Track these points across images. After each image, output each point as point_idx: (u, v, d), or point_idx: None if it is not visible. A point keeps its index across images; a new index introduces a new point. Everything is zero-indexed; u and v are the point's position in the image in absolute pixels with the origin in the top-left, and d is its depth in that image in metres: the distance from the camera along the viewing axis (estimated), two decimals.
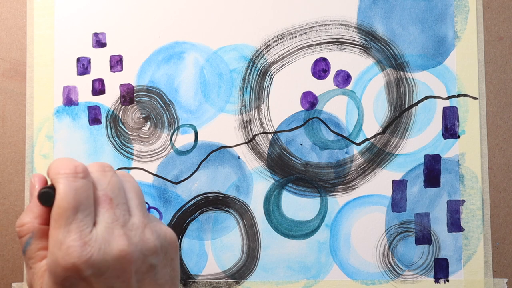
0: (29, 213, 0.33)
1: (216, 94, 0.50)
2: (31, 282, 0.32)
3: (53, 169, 0.32)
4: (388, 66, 0.50)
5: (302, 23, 0.50)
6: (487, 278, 0.48)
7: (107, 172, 0.33)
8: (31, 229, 0.32)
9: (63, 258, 0.29)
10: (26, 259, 0.32)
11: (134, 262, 0.30)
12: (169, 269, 0.33)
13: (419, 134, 0.50)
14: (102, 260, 0.29)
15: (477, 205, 0.49)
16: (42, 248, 0.32)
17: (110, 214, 0.31)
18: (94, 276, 0.29)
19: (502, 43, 0.50)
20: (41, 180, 0.34)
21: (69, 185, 0.30)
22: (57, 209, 0.30)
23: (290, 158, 0.50)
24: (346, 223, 0.49)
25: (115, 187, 0.32)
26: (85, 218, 0.30)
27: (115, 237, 0.30)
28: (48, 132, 0.50)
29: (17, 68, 0.50)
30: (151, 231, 0.32)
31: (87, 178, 0.31)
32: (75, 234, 0.30)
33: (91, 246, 0.29)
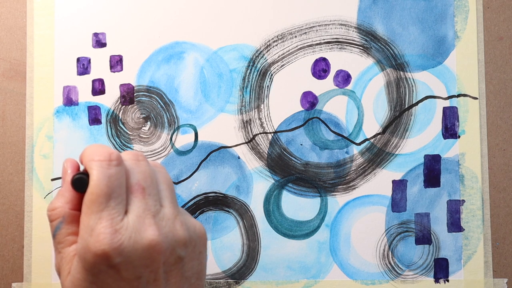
0: (61, 197, 0.33)
1: (216, 94, 0.50)
2: (59, 266, 0.32)
3: (87, 155, 0.32)
4: (388, 66, 0.50)
5: (302, 23, 0.50)
6: (487, 278, 0.48)
7: (140, 161, 0.33)
8: (61, 213, 0.32)
9: (94, 245, 0.29)
10: (55, 243, 0.32)
11: (163, 253, 0.30)
12: (196, 262, 0.33)
13: (419, 134, 0.50)
14: (131, 249, 0.29)
15: (477, 205, 0.49)
16: (71, 233, 0.32)
17: (142, 203, 0.31)
18: (123, 264, 0.29)
19: (502, 43, 0.50)
20: (73, 165, 0.34)
21: (103, 172, 0.30)
22: (90, 195, 0.30)
23: (290, 158, 0.50)
24: (346, 223, 0.49)
25: (147, 176, 0.32)
26: (117, 206, 0.30)
27: (146, 226, 0.30)
28: (48, 132, 0.50)
29: (17, 68, 0.50)
30: (181, 223, 0.32)
31: (120, 166, 0.31)
32: (106, 221, 0.30)
33: (121, 234, 0.29)
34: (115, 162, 0.31)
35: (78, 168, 0.34)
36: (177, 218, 0.32)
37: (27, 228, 0.49)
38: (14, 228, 0.49)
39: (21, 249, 0.49)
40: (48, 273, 0.49)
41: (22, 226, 0.49)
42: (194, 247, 0.33)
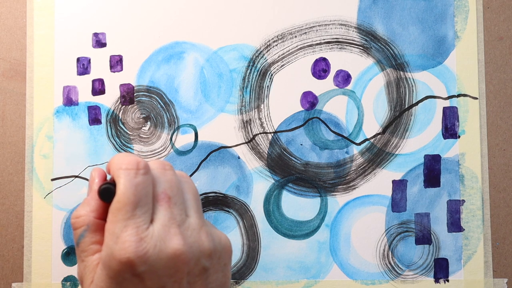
0: (86, 206, 0.33)
1: (216, 94, 0.50)
2: (82, 275, 0.32)
3: (115, 164, 0.32)
4: (388, 66, 0.50)
5: (302, 23, 0.50)
6: (487, 278, 0.48)
7: (167, 171, 0.33)
8: (86, 221, 0.32)
9: (119, 252, 0.29)
10: (78, 251, 0.32)
11: (188, 263, 0.30)
12: (220, 274, 0.33)
13: (419, 134, 0.50)
14: (156, 258, 0.29)
15: (477, 205, 0.49)
16: (95, 242, 0.32)
17: (167, 213, 0.31)
18: (148, 273, 0.29)
19: (502, 43, 0.50)
20: (101, 175, 0.34)
21: (130, 181, 0.30)
22: (116, 204, 0.30)
23: (290, 158, 0.50)
24: (346, 223, 0.49)
25: (174, 186, 0.32)
26: (143, 215, 0.30)
27: (171, 236, 0.30)
28: (48, 132, 0.50)
29: (17, 68, 0.50)
30: (206, 234, 0.32)
31: (148, 175, 0.31)
32: (132, 229, 0.30)
33: (146, 243, 0.29)
34: (142, 171, 0.31)
35: (105, 177, 0.35)
36: (203, 229, 0.32)
37: (27, 228, 0.49)
38: (14, 228, 0.49)
39: (21, 249, 0.49)
40: (48, 273, 0.49)
41: (22, 226, 0.49)
42: (219, 258, 0.32)
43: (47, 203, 0.49)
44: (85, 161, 0.49)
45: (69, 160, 0.49)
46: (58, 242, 0.49)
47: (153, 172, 0.33)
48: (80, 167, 0.49)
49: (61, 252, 0.49)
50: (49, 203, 0.49)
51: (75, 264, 0.49)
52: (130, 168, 0.31)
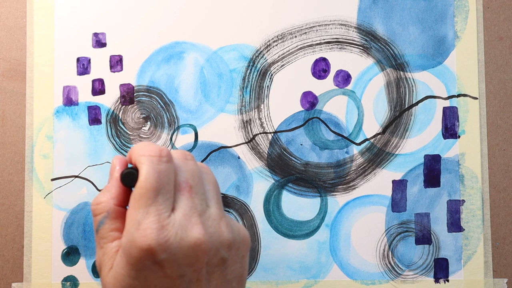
0: (106, 193, 0.33)
1: (216, 94, 0.50)
2: (100, 261, 0.32)
3: (137, 151, 0.32)
4: (388, 66, 0.50)
5: (302, 23, 0.50)
6: (487, 278, 0.48)
7: (188, 161, 0.33)
8: (106, 208, 0.32)
9: (140, 239, 0.29)
10: (98, 238, 0.32)
11: (208, 253, 0.30)
12: (238, 266, 0.32)
13: (419, 134, 0.50)
14: (177, 246, 0.29)
15: (477, 205, 0.49)
16: (115, 229, 0.32)
17: (189, 202, 0.31)
18: (168, 261, 0.29)
19: (502, 43, 0.50)
20: (122, 162, 0.34)
21: (153, 168, 0.30)
22: (139, 190, 0.30)
23: (290, 158, 0.50)
24: (346, 223, 0.49)
25: (195, 175, 0.32)
26: (164, 202, 0.30)
27: (192, 224, 0.30)
28: (48, 132, 0.50)
29: (17, 68, 0.50)
30: (226, 225, 0.32)
31: (170, 163, 0.31)
32: (153, 216, 0.29)
33: (168, 230, 0.29)
34: (165, 158, 0.31)
35: (127, 165, 0.34)
36: (223, 220, 0.32)
37: (27, 228, 0.49)
38: (14, 228, 0.49)
39: (21, 249, 0.49)
40: (48, 273, 0.49)
41: (22, 226, 0.49)
42: (237, 250, 0.32)
43: (47, 203, 0.49)
44: (85, 161, 0.49)
45: (69, 160, 0.49)
46: (58, 242, 0.49)
47: (175, 161, 0.32)
48: (80, 167, 0.49)
49: (61, 252, 0.49)
50: (49, 203, 0.49)
51: (75, 264, 0.49)
52: (154, 155, 0.31)
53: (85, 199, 0.49)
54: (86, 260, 0.49)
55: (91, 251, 0.49)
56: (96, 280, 0.49)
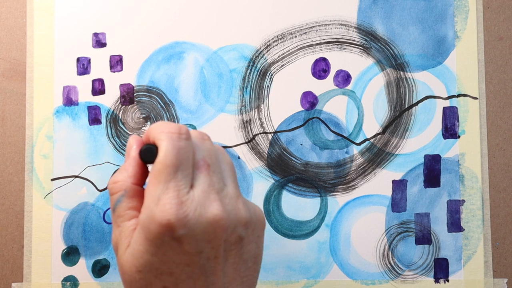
0: (123, 171, 0.33)
1: (216, 94, 0.50)
2: (117, 240, 0.32)
3: (156, 128, 0.32)
4: (388, 66, 0.50)
5: (302, 23, 0.50)
6: (487, 278, 0.48)
7: (205, 140, 0.33)
8: (123, 186, 0.32)
9: (159, 214, 0.29)
10: (115, 217, 0.32)
11: (226, 230, 0.30)
12: (254, 245, 0.33)
13: (419, 134, 0.50)
14: (196, 222, 0.29)
15: (477, 205, 0.49)
16: (132, 207, 0.32)
17: (207, 179, 0.31)
18: (186, 237, 0.29)
19: (502, 43, 0.50)
20: (139, 141, 0.34)
21: (173, 144, 0.31)
22: (158, 165, 0.30)
23: (290, 158, 0.50)
24: (346, 223, 0.49)
25: (212, 155, 0.33)
26: (183, 178, 0.30)
27: (211, 201, 0.30)
28: (48, 132, 0.50)
29: (17, 68, 0.50)
30: (243, 203, 0.32)
31: (189, 140, 0.31)
32: (173, 192, 0.30)
33: (187, 206, 0.29)
34: (184, 136, 0.31)
35: (143, 144, 0.34)
36: (239, 198, 0.32)
37: (27, 228, 0.49)
38: (14, 228, 0.49)
39: (21, 249, 0.49)
40: (48, 273, 0.49)
41: (22, 226, 0.49)
42: (253, 229, 0.32)
43: (47, 203, 0.49)
44: (85, 161, 0.49)
45: (69, 160, 0.49)
46: (58, 242, 0.49)
47: (193, 140, 0.33)
48: (80, 167, 0.49)
49: (61, 252, 0.49)
50: (49, 203, 0.49)
51: (75, 264, 0.49)
52: (173, 132, 0.31)
53: (85, 199, 0.49)
54: (86, 260, 0.49)
55: (91, 251, 0.49)
56: (96, 280, 0.49)
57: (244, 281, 0.32)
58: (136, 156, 0.33)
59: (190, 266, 0.30)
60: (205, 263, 0.30)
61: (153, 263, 0.30)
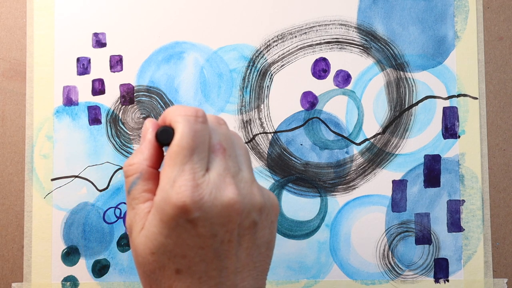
0: (139, 154, 0.33)
1: (216, 94, 0.50)
2: (131, 222, 0.32)
3: (173, 111, 0.32)
4: (388, 66, 0.50)
5: (302, 23, 0.50)
6: (487, 278, 0.48)
7: (221, 125, 0.33)
8: (139, 169, 0.32)
9: (175, 196, 0.29)
10: (129, 199, 0.32)
11: (240, 214, 0.30)
12: (267, 231, 0.33)
13: (419, 134, 0.50)
14: (211, 205, 0.29)
15: (477, 205, 0.49)
16: (147, 190, 0.32)
17: (222, 163, 0.31)
18: (201, 219, 0.29)
19: (502, 43, 0.50)
20: (155, 124, 0.34)
21: (190, 126, 0.30)
22: (175, 147, 0.30)
23: (290, 158, 0.50)
24: (346, 223, 0.49)
25: (228, 139, 0.33)
26: (199, 161, 0.30)
27: (226, 185, 0.30)
28: (48, 132, 0.50)
29: (17, 68, 0.50)
30: (257, 188, 0.32)
31: (206, 124, 0.31)
32: (189, 174, 0.30)
33: (202, 189, 0.29)
34: (201, 119, 0.31)
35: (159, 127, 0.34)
36: (254, 183, 0.32)
37: (27, 228, 0.49)
38: (14, 228, 0.49)
39: (21, 249, 0.49)
40: (48, 273, 0.49)
41: (22, 226, 0.49)
42: (267, 214, 0.32)
43: (47, 203, 0.49)
44: (85, 161, 0.49)
45: (69, 160, 0.49)
46: (58, 242, 0.49)
47: (209, 124, 0.33)
48: (80, 167, 0.49)
49: (61, 252, 0.49)
50: (49, 203, 0.49)
51: (75, 264, 0.49)
52: (190, 115, 0.31)
53: (85, 199, 0.49)
54: (86, 260, 0.49)
55: (91, 251, 0.49)
56: (96, 280, 0.49)
57: (257, 266, 0.32)
58: (152, 138, 0.33)
59: (204, 249, 0.30)
60: (219, 247, 0.30)
61: (166, 245, 0.30)
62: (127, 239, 0.49)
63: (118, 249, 0.49)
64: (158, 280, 0.30)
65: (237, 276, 0.31)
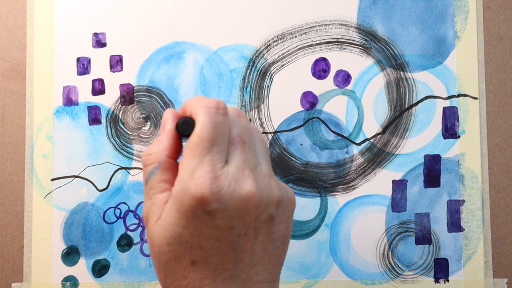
0: (158, 144, 0.33)
1: (216, 94, 0.50)
2: (148, 212, 0.32)
3: (194, 102, 0.32)
4: (388, 66, 0.50)
5: (302, 23, 0.50)
6: (487, 278, 0.48)
7: (241, 117, 0.33)
8: (158, 159, 0.32)
9: (194, 187, 0.29)
10: (147, 189, 0.32)
11: (258, 207, 0.30)
12: (284, 225, 0.32)
13: (419, 134, 0.50)
14: (230, 197, 0.29)
15: (477, 205, 0.49)
16: (165, 180, 0.32)
17: (242, 155, 0.31)
18: (219, 211, 0.29)
19: (502, 43, 0.50)
20: (175, 114, 0.34)
21: (210, 118, 0.30)
22: (195, 138, 0.30)
23: (290, 158, 0.50)
24: (346, 223, 0.49)
25: (248, 132, 0.33)
26: (219, 153, 0.30)
27: (245, 177, 0.30)
28: (48, 132, 0.50)
29: (17, 68, 0.50)
30: (275, 182, 0.32)
31: (226, 116, 0.31)
32: (208, 166, 0.30)
33: (221, 181, 0.29)
34: (221, 111, 0.31)
35: (179, 118, 0.34)
36: (272, 177, 0.32)
37: (27, 228, 0.49)
38: (14, 228, 0.49)
39: (21, 249, 0.49)
40: (48, 273, 0.49)
41: (22, 226, 0.49)
42: (284, 209, 0.32)
43: (47, 203, 0.49)
44: (85, 161, 0.49)
45: (69, 160, 0.49)
46: (58, 242, 0.49)
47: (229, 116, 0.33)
48: (80, 167, 0.49)
49: (61, 252, 0.49)
50: (49, 203, 0.49)
51: (75, 264, 0.49)
52: (211, 107, 0.31)
53: (85, 199, 0.49)
54: (86, 260, 0.49)
55: (91, 251, 0.49)
56: (96, 280, 0.49)
57: (272, 261, 0.32)
58: (172, 129, 0.33)
59: (220, 241, 0.30)
60: (235, 239, 0.30)
61: (183, 236, 0.30)
62: (127, 239, 0.49)
63: (118, 249, 0.49)
64: (173, 271, 0.31)
65: (252, 270, 0.31)
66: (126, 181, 0.49)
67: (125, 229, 0.49)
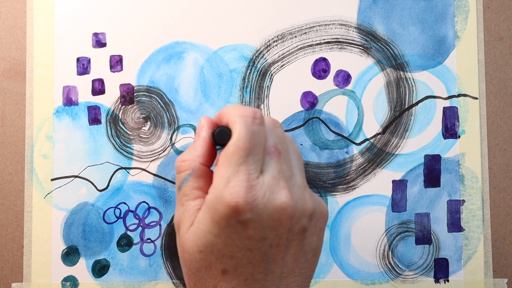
0: (192, 151, 0.33)
1: (216, 94, 0.50)
2: (180, 219, 0.32)
3: (231, 111, 0.32)
4: (388, 66, 0.50)
5: (302, 23, 0.50)
6: (487, 278, 0.48)
7: (277, 128, 0.33)
8: (191, 166, 0.32)
9: (228, 196, 0.29)
10: (180, 195, 0.32)
11: (291, 218, 0.30)
12: (316, 238, 0.32)
13: (419, 134, 0.50)
14: (263, 207, 0.29)
15: (477, 205, 0.49)
16: (198, 187, 0.32)
17: (277, 166, 0.31)
18: (253, 221, 0.29)
19: (502, 43, 0.50)
20: (210, 122, 0.34)
21: (247, 128, 0.30)
22: (231, 148, 0.30)
23: None
24: (346, 223, 0.49)
25: (283, 142, 0.32)
26: (254, 163, 0.30)
27: (280, 188, 0.30)
28: (48, 132, 0.50)
29: (17, 68, 0.50)
30: (309, 194, 0.32)
31: (263, 126, 0.31)
32: (243, 175, 0.30)
33: (256, 191, 0.29)
34: (258, 120, 0.31)
35: (214, 126, 0.34)
36: (306, 189, 0.32)
37: (27, 228, 0.49)
38: (14, 228, 0.49)
39: (21, 249, 0.49)
40: (48, 273, 0.49)
41: (22, 226, 0.49)
42: (317, 221, 0.32)
43: (47, 203, 0.49)
44: (85, 161, 0.49)
45: (69, 160, 0.49)
46: (58, 242, 0.49)
47: (265, 126, 0.33)
48: (80, 167, 0.49)
49: (61, 252, 0.49)
50: (49, 203, 0.49)
51: (75, 264, 0.49)
52: (248, 116, 0.31)
53: (85, 199, 0.49)
54: (86, 260, 0.49)
55: (91, 251, 0.49)
56: (96, 280, 0.49)
57: (302, 273, 0.32)
58: (207, 136, 0.33)
59: (252, 252, 0.30)
60: (267, 250, 0.30)
61: (215, 245, 0.30)
62: (127, 239, 0.49)
63: (118, 249, 0.49)
64: (203, 279, 0.30)
65: (282, 281, 0.31)
66: (126, 181, 0.49)
67: (125, 229, 0.49)
